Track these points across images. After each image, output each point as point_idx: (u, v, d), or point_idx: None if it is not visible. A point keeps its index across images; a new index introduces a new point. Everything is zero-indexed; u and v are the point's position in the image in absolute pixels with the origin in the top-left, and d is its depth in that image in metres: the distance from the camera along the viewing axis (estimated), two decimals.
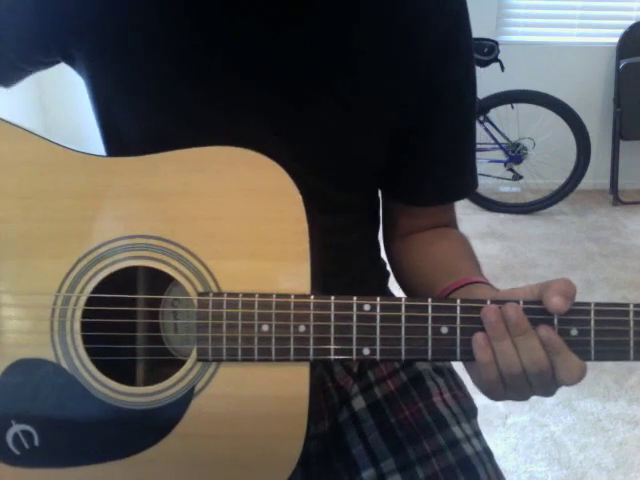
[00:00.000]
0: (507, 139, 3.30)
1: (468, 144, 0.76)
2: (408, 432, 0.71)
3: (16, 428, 0.59)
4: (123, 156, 0.60)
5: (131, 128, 0.68)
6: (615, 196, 3.48)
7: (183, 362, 0.58)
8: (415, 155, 0.73)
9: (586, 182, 3.37)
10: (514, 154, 3.32)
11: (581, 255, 2.87)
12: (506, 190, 3.41)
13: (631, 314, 0.54)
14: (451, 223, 0.80)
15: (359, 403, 0.75)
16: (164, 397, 0.58)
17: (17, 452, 0.59)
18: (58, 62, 0.70)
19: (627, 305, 0.54)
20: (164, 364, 0.60)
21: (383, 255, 0.84)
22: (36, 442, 0.59)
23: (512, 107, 3.16)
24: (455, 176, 0.76)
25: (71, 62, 0.68)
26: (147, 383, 0.59)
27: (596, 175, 3.54)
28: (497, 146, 3.27)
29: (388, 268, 0.84)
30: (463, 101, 0.72)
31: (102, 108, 0.70)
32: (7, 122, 0.60)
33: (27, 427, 0.59)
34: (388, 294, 0.85)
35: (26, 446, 0.59)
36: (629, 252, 2.91)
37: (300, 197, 0.57)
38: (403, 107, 0.69)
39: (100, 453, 0.59)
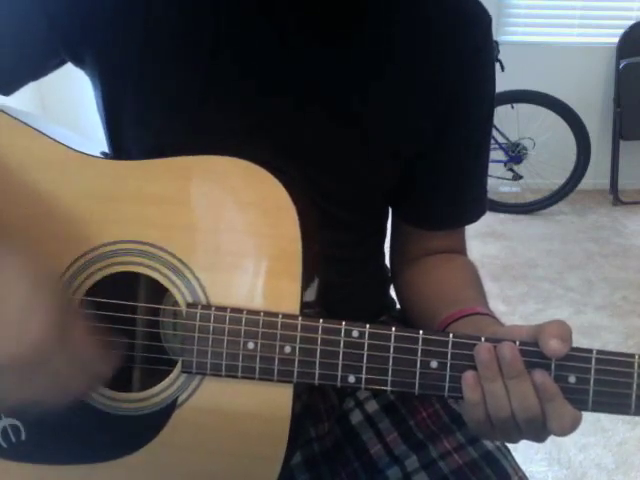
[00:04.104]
0: (507, 139, 3.30)
1: (480, 172, 0.76)
2: (427, 432, 0.70)
3: (5, 422, 0.59)
4: (125, 159, 0.60)
5: (136, 130, 0.68)
6: (615, 196, 3.48)
7: (170, 373, 0.58)
8: (425, 179, 0.73)
9: (586, 182, 3.37)
10: (514, 154, 3.32)
11: (581, 255, 2.87)
12: (506, 190, 3.41)
13: (636, 365, 0.50)
14: (460, 249, 0.79)
15: (372, 406, 0.74)
16: (147, 405, 0.58)
17: (4, 445, 0.59)
18: (62, 64, 0.70)
19: (632, 356, 0.51)
20: (155, 371, 0.60)
21: (386, 261, 0.84)
22: (23, 437, 0.59)
23: (512, 107, 3.16)
24: (463, 203, 0.76)
25: (80, 63, 0.68)
26: (137, 389, 0.59)
27: (596, 175, 3.54)
28: (497, 146, 3.27)
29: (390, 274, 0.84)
30: (479, 133, 0.73)
31: (108, 110, 0.69)
32: (14, 118, 0.60)
33: (15, 421, 0.59)
34: (389, 301, 0.85)
35: (13, 440, 0.59)
36: (629, 252, 2.90)
37: (296, 214, 0.56)
38: (420, 137, 0.69)
39: (84, 454, 0.59)
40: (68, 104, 2.85)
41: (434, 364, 0.53)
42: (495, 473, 0.66)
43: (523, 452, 1.66)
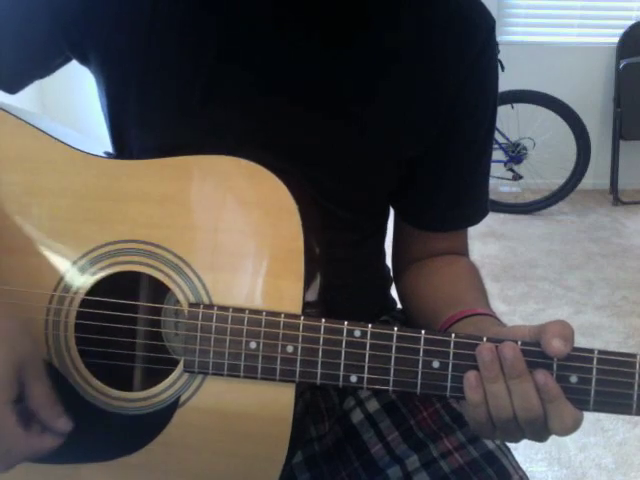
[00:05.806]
0: (507, 139, 3.30)
1: (481, 174, 0.76)
2: (428, 432, 0.70)
3: None
4: (127, 158, 0.60)
5: (138, 130, 0.68)
6: (615, 196, 3.48)
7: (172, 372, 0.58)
8: (426, 180, 0.73)
9: (586, 182, 3.37)
10: (514, 154, 3.32)
11: (581, 255, 2.87)
12: (506, 190, 3.41)
13: (637, 365, 0.50)
14: (463, 251, 0.79)
15: (373, 405, 0.74)
16: (150, 404, 0.58)
17: None
18: (67, 62, 0.70)
19: (634, 356, 0.51)
20: (157, 371, 0.60)
21: (388, 262, 0.84)
22: None
23: (512, 107, 3.16)
24: (465, 204, 0.76)
25: (84, 60, 0.68)
26: (139, 388, 0.59)
27: (596, 175, 3.54)
28: (497, 146, 3.26)
29: (391, 274, 0.84)
30: (481, 135, 0.73)
31: (111, 109, 0.69)
32: (17, 117, 0.60)
33: None
34: (390, 301, 0.85)
35: None
36: (629, 252, 2.90)
37: (298, 213, 0.56)
38: (421, 139, 0.69)
39: (86, 453, 0.59)
40: (68, 104, 2.85)
41: (436, 364, 0.53)
42: (496, 472, 0.66)
43: (523, 452, 1.66)
